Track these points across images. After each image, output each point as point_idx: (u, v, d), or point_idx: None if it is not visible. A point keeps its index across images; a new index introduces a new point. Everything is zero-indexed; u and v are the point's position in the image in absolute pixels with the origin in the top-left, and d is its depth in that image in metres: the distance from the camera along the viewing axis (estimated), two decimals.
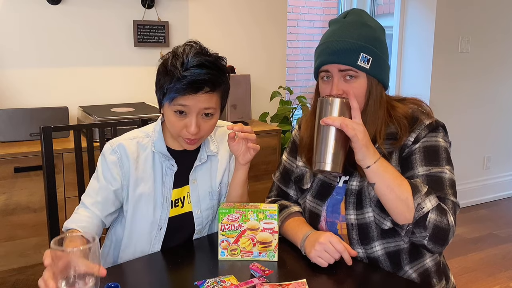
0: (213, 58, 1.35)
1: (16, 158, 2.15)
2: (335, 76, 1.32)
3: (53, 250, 0.96)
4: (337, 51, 1.30)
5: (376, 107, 1.33)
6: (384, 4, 4.26)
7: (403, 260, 1.37)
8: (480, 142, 4.21)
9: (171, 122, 1.36)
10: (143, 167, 1.44)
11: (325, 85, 1.35)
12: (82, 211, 1.42)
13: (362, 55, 1.30)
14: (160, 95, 1.36)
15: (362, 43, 1.30)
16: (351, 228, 1.36)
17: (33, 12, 2.55)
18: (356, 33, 1.31)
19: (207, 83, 1.31)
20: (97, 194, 1.42)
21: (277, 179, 1.58)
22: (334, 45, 1.31)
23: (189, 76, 1.29)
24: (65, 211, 2.22)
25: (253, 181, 2.27)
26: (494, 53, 4.14)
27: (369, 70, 1.31)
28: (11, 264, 2.20)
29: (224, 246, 1.35)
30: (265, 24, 3.25)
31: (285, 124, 3.07)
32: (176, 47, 1.37)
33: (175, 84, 1.30)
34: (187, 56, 1.31)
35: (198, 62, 1.31)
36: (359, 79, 1.31)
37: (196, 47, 1.35)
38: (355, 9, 1.40)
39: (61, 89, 2.67)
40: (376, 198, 1.32)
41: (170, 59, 1.33)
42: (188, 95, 1.30)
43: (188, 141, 1.38)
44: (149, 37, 2.83)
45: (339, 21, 1.36)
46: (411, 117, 1.36)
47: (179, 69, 1.29)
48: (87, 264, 0.94)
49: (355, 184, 1.37)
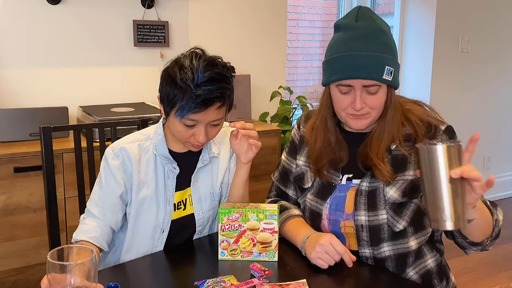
0: (220, 68, 1.32)
1: (16, 158, 2.15)
2: (358, 90, 1.28)
3: (50, 274, 0.93)
4: (364, 67, 1.25)
5: (394, 113, 1.33)
6: (384, 4, 4.26)
7: (409, 261, 1.37)
8: (480, 142, 4.13)
9: (179, 131, 1.35)
10: (145, 170, 1.43)
11: (343, 97, 1.31)
12: (90, 221, 1.39)
13: (387, 68, 1.26)
14: (168, 107, 1.32)
15: (387, 56, 1.26)
16: (361, 229, 1.35)
17: (33, 12, 2.55)
18: (378, 45, 1.26)
19: (219, 99, 1.30)
20: (103, 201, 1.40)
21: (276, 179, 1.58)
22: (358, 60, 1.25)
23: (203, 95, 1.26)
24: (65, 211, 2.22)
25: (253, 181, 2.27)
26: (494, 53, 4.14)
27: (392, 81, 1.29)
28: (11, 264, 2.20)
29: (224, 246, 1.35)
30: (265, 24, 3.25)
31: (285, 124, 3.06)
32: (180, 56, 1.33)
33: (187, 102, 1.27)
34: (196, 70, 1.27)
35: (208, 77, 1.27)
36: (381, 90, 1.29)
37: (202, 57, 1.31)
38: (363, 8, 1.32)
39: (61, 89, 2.67)
40: (392, 200, 1.32)
41: (178, 72, 1.29)
42: (200, 112, 1.29)
43: (195, 146, 1.39)
44: (149, 37, 2.83)
45: (352, 26, 1.29)
46: (426, 121, 1.36)
47: (191, 87, 1.26)
48: (85, 282, 0.93)
49: (365, 185, 1.36)
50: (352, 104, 1.29)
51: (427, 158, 1.04)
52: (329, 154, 1.40)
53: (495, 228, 1.27)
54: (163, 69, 1.36)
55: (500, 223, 1.29)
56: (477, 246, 1.31)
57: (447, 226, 1.04)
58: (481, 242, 1.28)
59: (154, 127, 1.48)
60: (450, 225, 1.04)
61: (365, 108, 1.30)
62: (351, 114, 1.32)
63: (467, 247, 1.32)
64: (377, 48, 1.26)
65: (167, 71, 1.33)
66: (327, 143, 1.40)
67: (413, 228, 1.35)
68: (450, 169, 1.02)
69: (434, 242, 1.44)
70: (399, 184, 1.33)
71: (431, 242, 1.42)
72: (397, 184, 1.33)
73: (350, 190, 1.39)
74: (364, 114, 1.31)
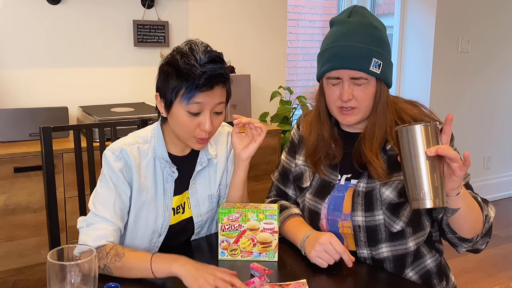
0: (218, 53, 1.35)
1: (16, 158, 2.15)
2: (345, 82, 1.30)
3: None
4: (349, 57, 1.27)
5: (384, 109, 1.34)
6: (384, 4, 4.26)
7: (407, 262, 1.37)
8: (480, 142, 4.21)
9: (184, 123, 1.32)
10: (145, 174, 1.40)
11: (333, 90, 1.33)
12: (104, 225, 1.31)
13: (374, 60, 1.27)
14: (172, 97, 1.31)
15: (374, 48, 1.28)
16: (358, 230, 1.35)
17: (33, 12, 2.55)
18: (366, 37, 1.28)
19: (222, 77, 1.31)
20: (114, 204, 1.34)
21: (276, 179, 1.58)
22: (345, 50, 1.28)
23: (209, 71, 1.28)
24: (65, 211, 2.22)
25: (253, 181, 2.28)
26: (494, 53, 4.14)
27: (380, 75, 1.30)
28: (11, 264, 2.19)
29: (224, 246, 1.35)
30: (265, 24, 3.25)
31: (285, 124, 3.06)
32: (178, 47, 1.35)
33: (194, 82, 1.27)
34: (197, 53, 1.30)
35: (210, 58, 1.30)
36: (369, 83, 1.30)
37: (200, 44, 1.34)
38: (358, 6, 1.36)
39: (61, 89, 2.67)
40: (388, 200, 1.33)
41: (179, 59, 1.29)
42: (206, 92, 1.29)
43: (200, 140, 1.36)
44: (149, 37, 2.83)
45: (344, 21, 1.32)
46: (420, 120, 1.36)
47: (196, 66, 1.27)
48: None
49: (362, 186, 1.36)
50: (340, 95, 1.31)
51: (405, 139, 1.08)
52: (324, 148, 1.41)
53: (485, 224, 1.26)
54: (160, 65, 1.36)
55: (491, 219, 1.28)
56: (467, 243, 1.29)
57: (427, 204, 1.06)
58: (471, 238, 1.27)
59: (150, 129, 1.45)
60: (429, 203, 1.06)
61: (353, 100, 1.31)
62: (339, 107, 1.34)
63: (457, 243, 1.31)
64: (365, 40, 1.28)
65: (166, 64, 1.33)
66: (321, 136, 1.42)
67: (412, 229, 1.35)
68: (427, 148, 1.05)
69: (433, 242, 1.43)
70: (395, 185, 1.33)
71: (430, 242, 1.42)
72: (393, 185, 1.33)
73: (348, 190, 1.39)
74: (352, 108, 1.32)
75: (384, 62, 1.30)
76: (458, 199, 1.15)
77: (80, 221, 1.35)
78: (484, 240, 1.30)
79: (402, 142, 1.08)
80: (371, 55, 1.27)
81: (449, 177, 1.08)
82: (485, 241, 1.31)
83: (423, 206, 1.06)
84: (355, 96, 1.30)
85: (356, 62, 1.27)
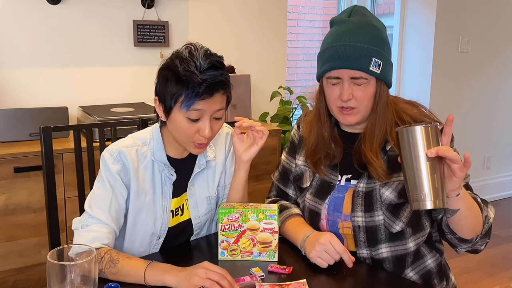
0: (219, 57, 1.33)
1: (16, 158, 2.15)
2: (345, 81, 1.30)
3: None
4: (349, 56, 1.27)
5: (384, 109, 1.34)
6: (384, 4, 4.26)
7: (407, 262, 1.37)
8: (480, 142, 4.20)
9: (183, 128, 1.31)
10: (143, 177, 1.39)
11: (332, 90, 1.33)
12: (98, 227, 1.30)
13: (374, 60, 1.27)
14: (171, 103, 1.29)
15: (374, 48, 1.28)
16: (358, 230, 1.35)
17: (33, 12, 2.55)
18: (366, 37, 1.28)
19: (223, 85, 1.29)
20: (110, 207, 1.33)
21: (276, 179, 1.58)
22: (345, 49, 1.28)
23: (209, 79, 1.25)
24: (65, 211, 2.22)
25: (253, 181, 2.27)
26: (494, 53, 4.14)
27: (380, 74, 1.30)
28: (11, 264, 2.19)
29: (224, 246, 1.35)
30: (265, 24, 3.25)
31: (285, 124, 3.06)
32: (177, 51, 1.32)
33: (194, 89, 1.24)
34: (197, 59, 1.27)
35: (210, 64, 1.27)
36: (369, 83, 1.30)
37: (198, 48, 1.31)
38: (358, 6, 1.36)
39: (61, 89, 2.67)
40: (388, 201, 1.33)
41: (179, 65, 1.27)
42: (206, 99, 1.27)
43: (199, 145, 1.34)
44: (149, 37, 2.83)
45: (344, 20, 1.32)
46: (420, 121, 1.35)
47: (196, 73, 1.25)
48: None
49: (362, 186, 1.36)
50: (340, 95, 1.31)
51: (405, 140, 1.08)
52: (324, 148, 1.41)
53: (485, 225, 1.26)
54: (159, 69, 1.33)
55: (491, 220, 1.28)
56: (467, 243, 1.29)
57: (427, 205, 1.06)
58: (471, 239, 1.27)
59: (149, 131, 1.44)
60: (429, 204, 1.06)
61: (353, 100, 1.31)
62: (339, 107, 1.34)
63: (457, 244, 1.31)
64: (365, 40, 1.28)
65: (166, 68, 1.31)
66: (321, 136, 1.42)
67: (411, 229, 1.35)
68: (427, 149, 1.05)
69: (433, 242, 1.44)
70: (395, 185, 1.33)
71: (430, 242, 1.42)
72: (393, 185, 1.33)
73: (348, 191, 1.39)
74: (352, 108, 1.32)
75: (384, 62, 1.30)
76: (458, 200, 1.15)
77: (75, 222, 1.34)
78: (483, 241, 1.30)
79: (403, 143, 1.08)
80: (371, 55, 1.27)
81: (450, 178, 1.09)
82: (485, 241, 1.31)
83: (424, 207, 1.07)
84: (355, 96, 1.30)
85: (356, 61, 1.27)
